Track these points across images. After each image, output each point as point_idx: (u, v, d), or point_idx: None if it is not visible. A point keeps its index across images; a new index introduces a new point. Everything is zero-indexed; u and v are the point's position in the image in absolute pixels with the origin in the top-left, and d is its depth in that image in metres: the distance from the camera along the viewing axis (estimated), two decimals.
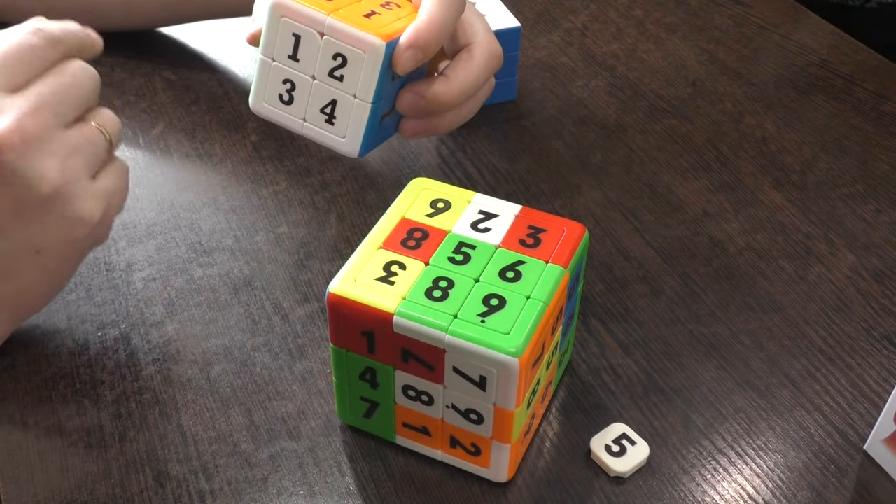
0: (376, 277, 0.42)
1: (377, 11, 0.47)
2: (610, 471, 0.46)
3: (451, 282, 0.42)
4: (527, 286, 0.42)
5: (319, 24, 0.45)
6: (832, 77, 0.75)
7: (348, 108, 0.46)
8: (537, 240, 0.44)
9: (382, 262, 0.43)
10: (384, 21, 0.46)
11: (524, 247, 0.44)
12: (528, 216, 0.45)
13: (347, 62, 0.45)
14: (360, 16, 0.46)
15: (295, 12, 0.45)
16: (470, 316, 0.40)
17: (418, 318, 0.40)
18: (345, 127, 0.47)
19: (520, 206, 0.46)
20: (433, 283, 0.41)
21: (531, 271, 0.42)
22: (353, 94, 0.46)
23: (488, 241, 0.44)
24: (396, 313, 0.40)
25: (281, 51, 0.46)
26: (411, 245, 0.43)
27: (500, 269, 0.42)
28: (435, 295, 0.41)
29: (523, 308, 0.41)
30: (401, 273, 0.42)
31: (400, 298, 0.41)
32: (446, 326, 0.40)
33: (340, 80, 0.46)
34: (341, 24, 0.45)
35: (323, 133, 0.47)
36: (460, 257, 0.43)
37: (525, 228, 0.45)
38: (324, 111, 0.47)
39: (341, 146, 0.47)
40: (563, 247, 0.44)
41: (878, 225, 0.61)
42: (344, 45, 0.45)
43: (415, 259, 0.43)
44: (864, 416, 0.49)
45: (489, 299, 0.41)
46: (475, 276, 0.42)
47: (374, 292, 0.41)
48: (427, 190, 0.47)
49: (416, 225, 0.45)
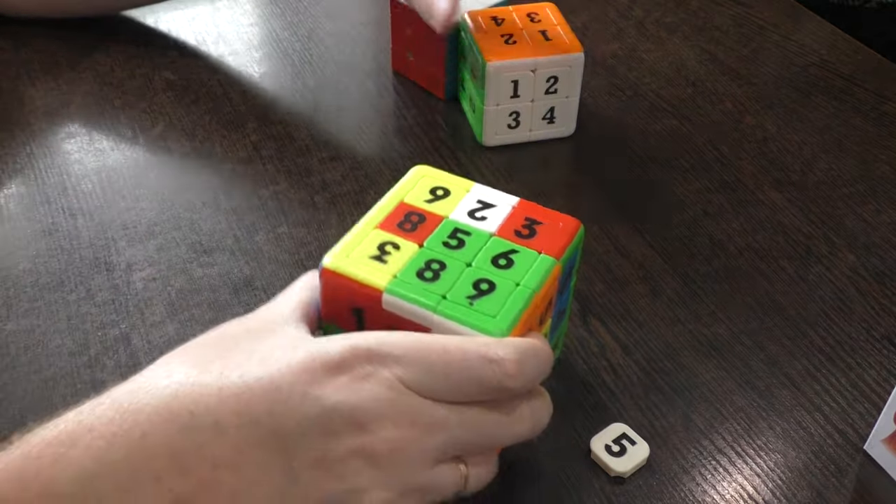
0: (370, 255, 0.42)
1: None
2: (610, 471, 0.46)
3: (443, 264, 0.42)
4: (517, 273, 0.42)
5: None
6: (832, 77, 0.75)
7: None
8: (532, 231, 0.44)
9: (377, 242, 0.43)
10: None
11: (519, 237, 0.44)
12: (525, 208, 0.46)
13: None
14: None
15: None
16: (459, 298, 0.40)
17: (407, 297, 0.40)
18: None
19: (517, 199, 0.46)
20: (425, 265, 0.42)
21: (523, 260, 0.43)
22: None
23: (484, 228, 0.44)
24: (386, 290, 0.40)
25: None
26: (407, 227, 0.44)
27: (493, 256, 0.43)
28: (426, 276, 0.41)
29: (512, 293, 0.41)
30: (394, 252, 0.42)
31: (391, 276, 0.41)
32: (434, 306, 0.40)
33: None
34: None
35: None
36: (455, 242, 0.43)
37: (521, 220, 0.45)
38: None
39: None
40: (558, 239, 0.44)
41: (878, 225, 0.61)
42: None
43: (409, 240, 0.43)
44: (864, 416, 0.49)
45: (479, 283, 0.41)
46: (467, 260, 0.42)
47: (366, 269, 0.41)
48: (427, 177, 0.47)
49: (413, 209, 0.45)
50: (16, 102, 0.70)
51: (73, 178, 0.63)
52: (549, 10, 0.68)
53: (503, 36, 0.64)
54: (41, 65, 0.73)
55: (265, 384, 0.36)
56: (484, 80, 0.63)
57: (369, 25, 0.81)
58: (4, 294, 0.55)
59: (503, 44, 0.64)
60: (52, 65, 0.72)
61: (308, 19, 0.81)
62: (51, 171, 0.64)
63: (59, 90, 0.71)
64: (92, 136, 0.67)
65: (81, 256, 0.57)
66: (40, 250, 0.58)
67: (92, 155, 0.65)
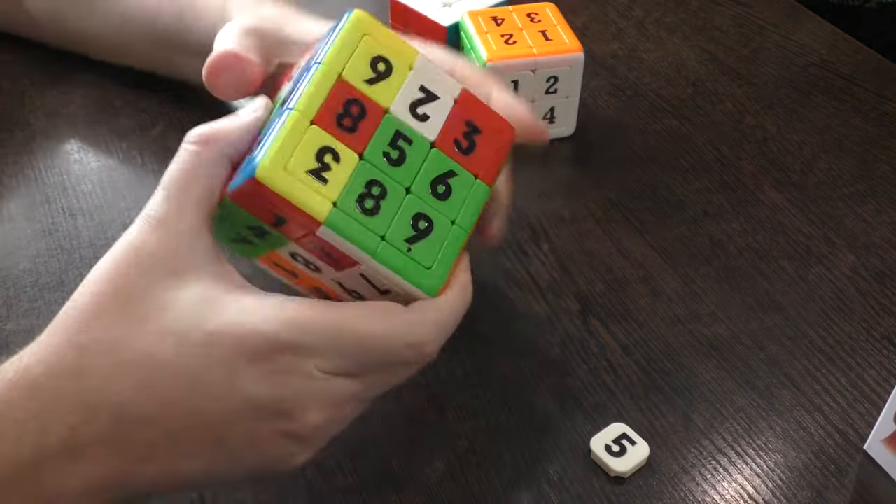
0: (307, 169, 0.38)
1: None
2: (610, 471, 0.46)
3: (384, 189, 0.40)
4: (453, 207, 0.41)
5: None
6: (832, 77, 0.75)
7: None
8: (472, 143, 0.42)
9: (315, 147, 0.39)
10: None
11: (458, 150, 0.42)
12: (466, 105, 0.43)
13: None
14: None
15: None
16: (397, 240, 0.39)
17: (346, 234, 0.38)
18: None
19: (460, 89, 0.43)
20: (366, 188, 0.39)
21: (460, 187, 0.41)
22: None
23: (425, 133, 0.41)
24: (326, 223, 0.38)
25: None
26: (347, 125, 0.40)
27: (432, 180, 0.41)
28: (367, 205, 0.39)
29: (448, 236, 0.40)
30: (334, 167, 0.39)
31: (330, 204, 0.38)
32: (374, 249, 0.39)
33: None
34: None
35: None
36: (395, 153, 0.40)
37: (462, 124, 0.42)
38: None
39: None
40: (493, 157, 0.43)
41: (878, 225, 0.61)
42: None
43: (349, 148, 0.40)
44: (864, 416, 0.49)
45: (417, 220, 0.40)
46: (407, 183, 0.40)
47: (303, 190, 0.38)
48: (368, 38, 0.42)
49: (353, 93, 0.41)
50: (16, 102, 0.70)
51: (73, 178, 0.63)
52: (549, 10, 0.68)
53: (503, 36, 0.64)
54: (41, 65, 0.73)
55: (188, 382, 0.37)
56: None
57: None
58: (4, 294, 0.55)
59: (503, 44, 0.64)
60: (52, 65, 0.72)
61: None
62: (51, 171, 0.64)
63: (59, 90, 0.71)
64: (92, 137, 0.67)
65: (81, 256, 0.57)
66: (40, 250, 0.58)
67: (92, 155, 0.65)
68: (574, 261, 0.58)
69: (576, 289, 0.56)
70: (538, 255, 0.59)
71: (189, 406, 0.37)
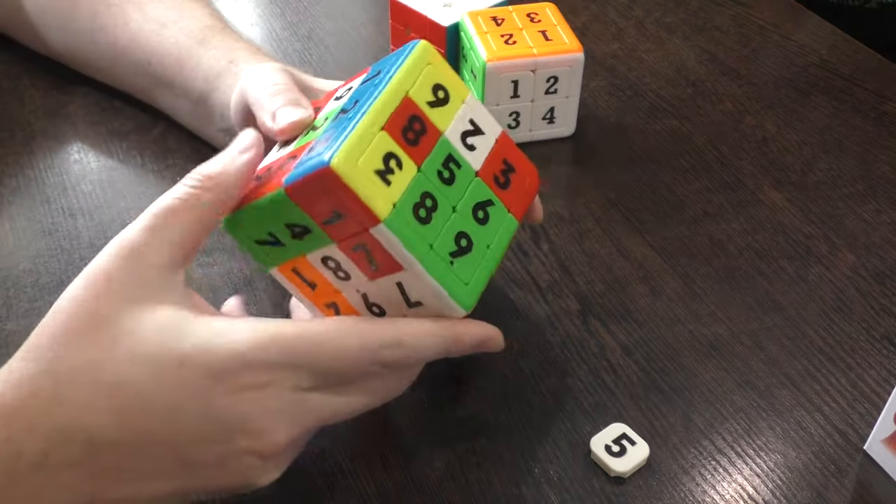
0: (375, 169, 0.40)
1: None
2: (610, 471, 0.46)
3: (435, 203, 0.42)
4: (490, 233, 0.44)
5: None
6: (832, 77, 0.75)
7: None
8: (507, 180, 0.46)
9: (383, 151, 0.41)
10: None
11: (496, 185, 0.45)
12: (504, 146, 0.46)
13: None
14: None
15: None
16: (443, 252, 0.42)
17: (401, 235, 0.40)
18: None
19: (500, 130, 0.47)
20: (421, 198, 0.41)
21: (496, 217, 0.45)
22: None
23: (471, 162, 0.44)
24: (385, 222, 0.39)
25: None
26: (410, 138, 0.42)
27: (474, 205, 0.44)
28: (421, 214, 0.41)
29: (483, 258, 0.43)
30: (397, 173, 0.41)
31: (391, 205, 0.40)
32: (424, 255, 0.41)
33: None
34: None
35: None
36: (447, 173, 0.43)
37: (500, 162, 0.46)
38: None
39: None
40: (522, 198, 0.46)
41: (878, 225, 0.61)
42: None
43: (410, 159, 0.42)
44: (864, 416, 0.49)
45: (460, 238, 0.43)
46: (454, 203, 0.43)
47: (371, 187, 0.40)
48: (432, 66, 0.45)
49: (416, 111, 0.43)
50: (16, 102, 0.70)
51: (73, 178, 0.63)
52: (549, 10, 0.68)
53: (503, 36, 0.64)
54: (41, 65, 0.73)
55: (161, 406, 0.38)
56: (484, 80, 0.63)
57: (369, 25, 0.81)
58: (4, 294, 0.55)
59: (503, 44, 0.64)
60: (52, 65, 0.72)
61: (308, 19, 0.81)
62: (51, 171, 0.64)
63: (60, 90, 0.71)
64: (92, 137, 0.67)
65: (81, 256, 0.57)
66: (40, 250, 0.58)
67: (92, 155, 0.65)
68: (574, 261, 0.58)
69: (576, 289, 0.56)
70: (538, 255, 0.59)
71: (163, 430, 0.38)
